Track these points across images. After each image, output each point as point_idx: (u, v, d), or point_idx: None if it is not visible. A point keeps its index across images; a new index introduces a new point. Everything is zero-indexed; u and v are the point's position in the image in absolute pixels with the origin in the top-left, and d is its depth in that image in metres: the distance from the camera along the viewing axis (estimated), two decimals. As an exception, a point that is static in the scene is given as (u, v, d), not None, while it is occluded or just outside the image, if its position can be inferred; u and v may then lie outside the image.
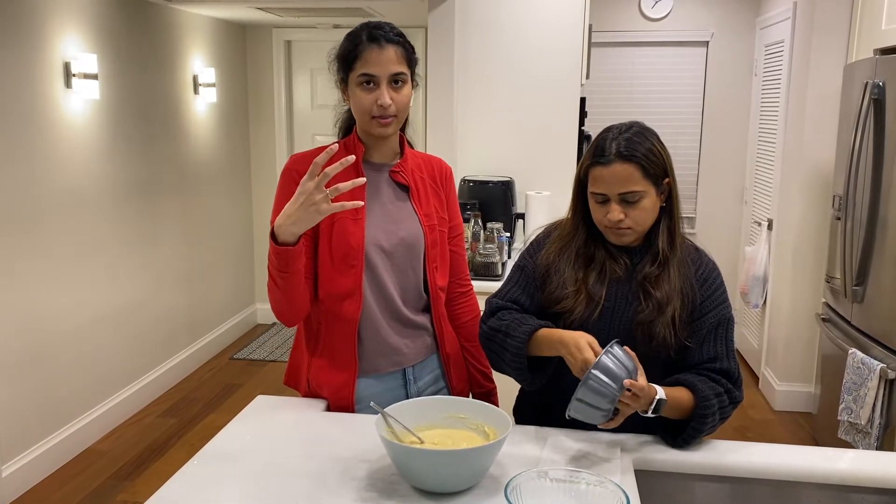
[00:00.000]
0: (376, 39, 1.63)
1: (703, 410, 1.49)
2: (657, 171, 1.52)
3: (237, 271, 5.39)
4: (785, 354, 4.20)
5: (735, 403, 1.55)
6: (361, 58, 1.63)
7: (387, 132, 1.69)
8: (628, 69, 5.20)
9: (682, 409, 1.51)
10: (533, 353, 1.57)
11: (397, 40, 1.65)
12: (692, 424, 1.51)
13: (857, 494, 1.49)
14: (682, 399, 1.50)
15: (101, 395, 3.84)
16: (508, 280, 1.71)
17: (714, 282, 1.60)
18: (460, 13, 3.63)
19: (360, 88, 1.64)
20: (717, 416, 1.51)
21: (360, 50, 1.63)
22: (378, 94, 1.63)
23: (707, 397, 1.49)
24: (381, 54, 1.62)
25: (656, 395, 1.44)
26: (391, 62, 1.63)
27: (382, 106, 1.63)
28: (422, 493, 1.34)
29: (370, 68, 1.62)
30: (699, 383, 1.51)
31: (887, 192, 2.94)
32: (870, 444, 2.93)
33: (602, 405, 1.38)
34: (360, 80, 1.64)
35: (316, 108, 5.52)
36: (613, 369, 1.37)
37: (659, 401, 1.44)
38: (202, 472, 1.44)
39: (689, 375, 1.54)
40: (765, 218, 4.51)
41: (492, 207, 3.49)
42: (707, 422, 1.50)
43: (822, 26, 3.85)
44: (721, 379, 1.54)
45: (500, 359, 1.63)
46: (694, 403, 1.50)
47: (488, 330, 1.65)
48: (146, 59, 4.18)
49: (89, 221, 3.70)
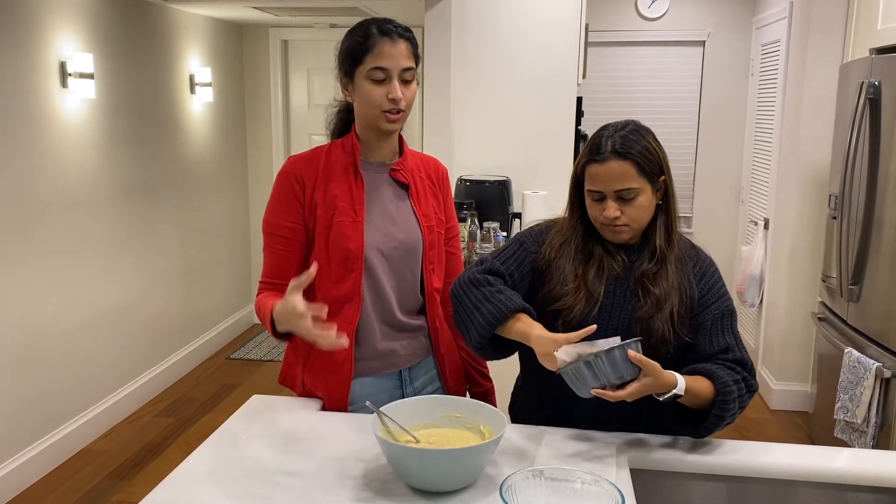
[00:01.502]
0: (388, 33, 1.62)
1: (725, 397, 1.47)
2: (653, 169, 1.53)
3: (233, 271, 5.38)
4: (781, 354, 4.20)
5: (752, 391, 1.54)
6: (374, 51, 1.61)
7: (395, 127, 1.68)
8: (625, 69, 5.20)
9: (701, 397, 1.49)
10: (499, 331, 1.56)
11: (407, 36, 1.65)
12: (714, 412, 1.49)
13: (853, 493, 1.49)
14: (701, 388, 1.48)
15: (97, 394, 3.83)
16: (506, 249, 1.67)
17: (713, 276, 1.60)
18: (457, 12, 3.62)
19: (371, 82, 1.62)
20: (737, 404, 1.50)
21: (372, 43, 1.61)
22: (389, 87, 1.62)
23: (726, 383, 1.48)
24: (393, 48, 1.61)
25: (675, 385, 1.43)
26: (403, 56, 1.62)
27: (394, 100, 1.62)
28: (417, 492, 1.34)
29: (383, 61, 1.61)
30: (717, 370, 1.51)
31: (883, 191, 2.95)
32: (866, 442, 2.94)
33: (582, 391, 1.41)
34: (372, 73, 1.62)
35: (312, 108, 5.52)
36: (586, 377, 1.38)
37: (674, 394, 1.44)
38: (197, 472, 1.43)
39: (705, 364, 1.53)
40: (761, 217, 4.51)
41: (488, 207, 3.50)
42: (729, 408, 1.48)
43: (819, 26, 3.85)
44: (737, 367, 1.54)
45: (467, 315, 1.58)
46: (714, 391, 1.49)
47: (468, 281, 1.61)
48: (142, 58, 4.18)
49: (85, 221, 3.69)
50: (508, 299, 1.55)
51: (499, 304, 1.54)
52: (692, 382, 1.48)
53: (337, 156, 1.73)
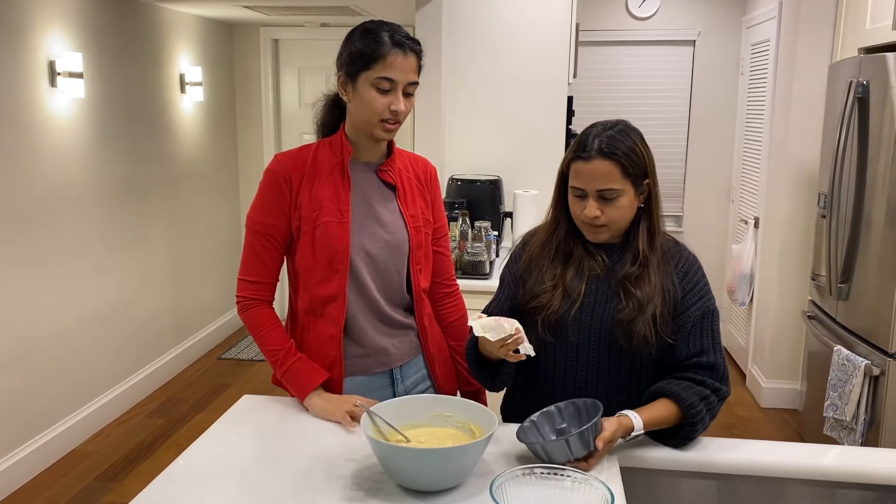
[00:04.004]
0: (402, 46, 1.62)
1: (692, 419, 1.50)
2: (637, 171, 1.53)
3: (225, 271, 5.36)
4: (771, 352, 4.22)
5: (722, 400, 1.56)
6: (385, 61, 1.61)
7: (389, 137, 1.70)
8: (615, 68, 5.21)
9: (668, 421, 1.52)
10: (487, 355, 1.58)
11: (417, 49, 1.66)
12: (682, 433, 1.52)
13: (842, 490, 1.50)
14: (665, 415, 1.51)
15: (87, 395, 3.82)
16: (493, 297, 1.73)
17: (695, 275, 1.60)
18: (447, 11, 3.62)
19: (375, 90, 1.62)
20: (707, 418, 1.52)
21: (384, 52, 1.61)
22: (393, 99, 1.63)
23: (692, 405, 1.50)
24: (405, 61, 1.62)
25: (632, 430, 1.46)
26: (411, 70, 1.64)
27: (396, 111, 1.63)
28: (407, 491, 1.34)
29: (393, 73, 1.61)
30: (682, 392, 1.51)
31: (871, 190, 2.96)
32: (854, 440, 2.96)
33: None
34: (378, 82, 1.62)
35: (303, 107, 5.51)
36: (552, 453, 1.39)
37: (635, 435, 1.47)
38: (187, 472, 1.43)
39: (671, 384, 1.53)
40: (751, 216, 4.53)
41: (480, 206, 3.49)
42: (698, 427, 1.51)
43: (808, 25, 3.87)
44: (707, 379, 1.54)
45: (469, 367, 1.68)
46: (680, 414, 1.51)
47: (466, 350, 1.70)
48: (132, 57, 4.16)
49: (75, 221, 3.67)
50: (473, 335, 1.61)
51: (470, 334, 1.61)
52: (654, 412, 1.50)
53: (324, 155, 1.73)
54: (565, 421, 1.51)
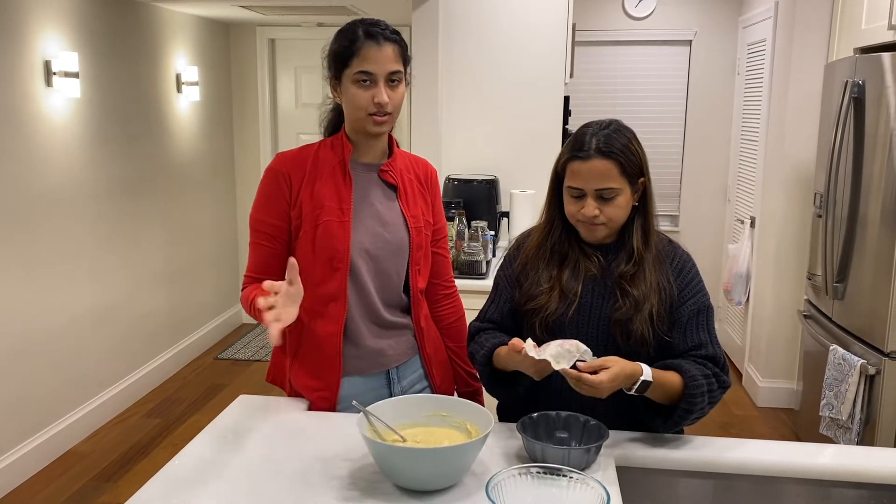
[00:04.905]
0: (374, 37, 1.61)
1: (693, 390, 1.49)
2: (633, 170, 1.54)
3: (221, 271, 5.36)
4: (768, 351, 4.23)
5: (724, 388, 1.55)
6: (359, 55, 1.61)
7: (382, 130, 1.68)
8: (612, 68, 5.22)
9: (670, 391, 1.50)
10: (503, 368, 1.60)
11: (394, 38, 1.64)
12: (681, 405, 1.50)
13: (837, 489, 1.51)
14: (669, 381, 1.50)
15: (83, 395, 3.81)
16: (487, 299, 1.74)
17: (689, 271, 1.61)
18: (444, 11, 3.62)
19: (357, 86, 1.62)
20: (706, 399, 1.51)
21: (358, 47, 1.61)
22: (375, 91, 1.62)
23: (695, 377, 1.50)
24: (379, 52, 1.61)
25: (641, 375, 1.44)
26: (389, 60, 1.62)
27: (380, 104, 1.62)
28: (404, 491, 1.34)
29: (368, 66, 1.61)
30: (686, 364, 1.52)
31: (867, 189, 2.97)
32: (850, 439, 2.96)
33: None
34: (358, 77, 1.62)
35: (300, 107, 5.50)
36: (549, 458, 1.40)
37: (643, 381, 1.44)
38: (183, 472, 1.43)
39: (676, 359, 1.55)
40: (747, 216, 4.54)
41: (476, 206, 3.50)
42: (696, 402, 1.49)
43: (804, 25, 3.88)
44: (708, 363, 1.55)
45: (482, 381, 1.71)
46: (682, 384, 1.50)
47: (469, 355, 1.73)
48: (128, 57, 4.15)
49: (71, 221, 3.66)
50: (488, 340, 1.63)
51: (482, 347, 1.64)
52: (661, 374, 1.49)
53: (325, 155, 1.72)
54: (565, 431, 1.51)
